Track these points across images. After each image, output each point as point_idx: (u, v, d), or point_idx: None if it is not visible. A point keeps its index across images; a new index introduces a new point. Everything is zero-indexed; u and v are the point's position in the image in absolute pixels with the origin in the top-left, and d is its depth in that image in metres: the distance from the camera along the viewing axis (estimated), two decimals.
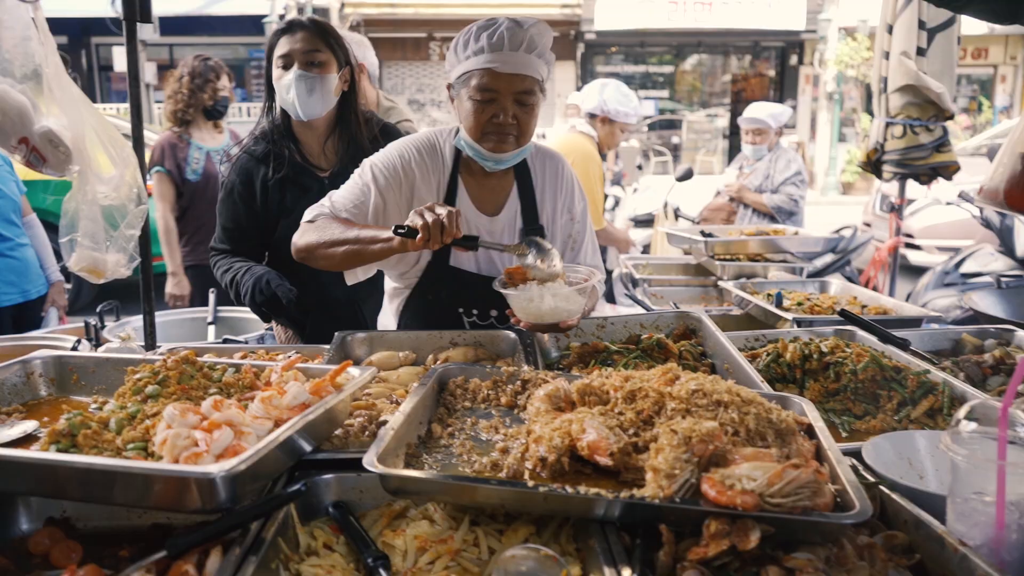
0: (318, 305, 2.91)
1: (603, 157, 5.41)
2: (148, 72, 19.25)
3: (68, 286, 8.73)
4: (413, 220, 2.07)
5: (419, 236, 2.04)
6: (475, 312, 2.54)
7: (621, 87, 5.13)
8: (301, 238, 2.38)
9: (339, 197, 2.43)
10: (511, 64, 2.27)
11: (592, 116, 5.13)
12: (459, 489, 1.41)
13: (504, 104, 2.31)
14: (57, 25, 3.38)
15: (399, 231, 2.08)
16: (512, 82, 2.29)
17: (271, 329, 3.25)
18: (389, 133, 3.05)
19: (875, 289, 5.28)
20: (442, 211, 2.06)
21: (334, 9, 24.18)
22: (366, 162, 2.49)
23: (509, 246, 2.28)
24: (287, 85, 2.77)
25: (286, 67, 2.78)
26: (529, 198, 2.56)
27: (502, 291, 2.20)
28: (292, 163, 2.90)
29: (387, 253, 2.22)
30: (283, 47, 2.79)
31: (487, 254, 2.51)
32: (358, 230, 2.26)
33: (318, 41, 2.80)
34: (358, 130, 2.96)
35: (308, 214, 2.44)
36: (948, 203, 6.09)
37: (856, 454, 1.63)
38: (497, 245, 2.30)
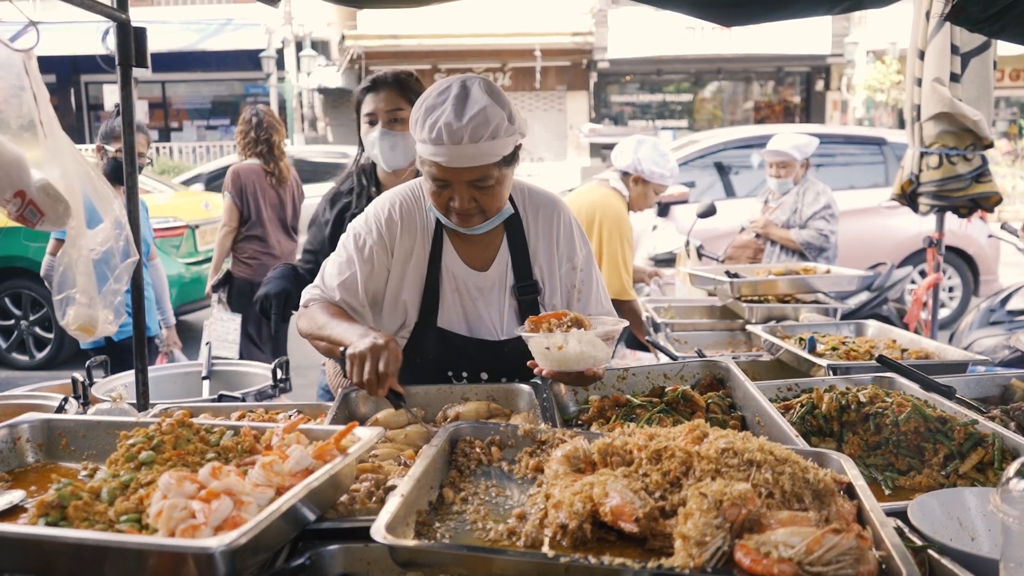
0: None
1: None
2: (139, 111, 19.64)
3: (51, 336, 8.75)
4: (349, 365, 2.16)
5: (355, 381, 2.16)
6: (464, 375, 2.55)
7: (659, 145, 4.99)
8: (299, 322, 2.56)
9: (328, 274, 2.56)
10: (456, 159, 2.25)
11: (625, 174, 4.98)
12: (473, 560, 1.41)
13: (459, 191, 2.32)
14: (45, 63, 3.49)
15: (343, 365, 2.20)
16: (461, 173, 2.29)
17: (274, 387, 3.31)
18: None
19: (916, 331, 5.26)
20: (375, 367, 2.12)
21: (334, 42, 24.60)
22: (349, 228, 2.59)
23: (418, 413, 2.28)
24: (372, 141, 3.16)
25: (372, 123, 3.17)
26: (521, 251, 2.55)
27: (523, 336, 2.22)
28: None
29: None
30: (369, 105, 3.18)
31: (476, 312, 2.53)
32: (331, 327, 2.37)
33: (400, 99, 3.14)
34: None
35: (305, 295, 2.59)
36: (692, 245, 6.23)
37: (901, 514, 1.62)
38: (414, 412, 2.25)
